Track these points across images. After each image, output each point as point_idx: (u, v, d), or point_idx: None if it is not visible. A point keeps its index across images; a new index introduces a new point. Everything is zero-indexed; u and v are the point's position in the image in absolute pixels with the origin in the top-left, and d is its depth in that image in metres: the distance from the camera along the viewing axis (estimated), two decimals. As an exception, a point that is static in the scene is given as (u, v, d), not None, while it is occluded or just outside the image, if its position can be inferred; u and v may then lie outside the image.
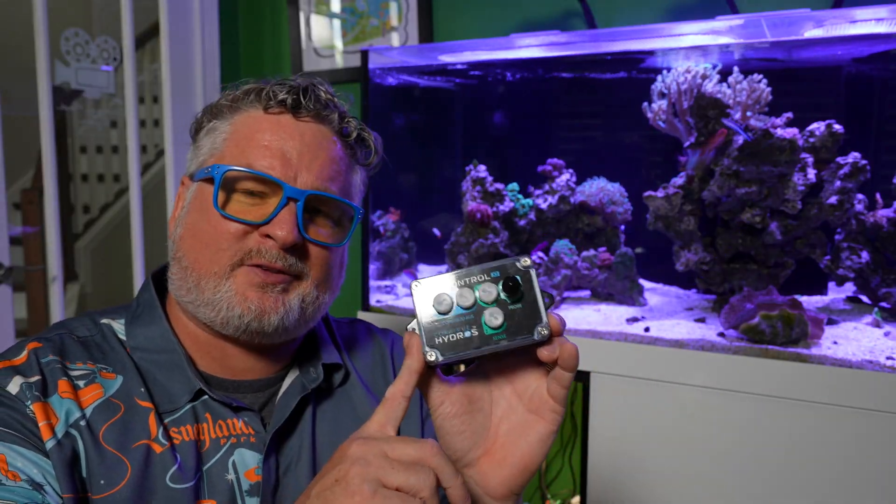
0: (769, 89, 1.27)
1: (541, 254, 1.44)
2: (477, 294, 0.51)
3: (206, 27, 2.16)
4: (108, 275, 3.35)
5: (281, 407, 0.72)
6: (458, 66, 1.74)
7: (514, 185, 1.54)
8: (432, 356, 0.50)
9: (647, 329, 1.23)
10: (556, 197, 1.50)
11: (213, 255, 0.68)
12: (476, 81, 1.77)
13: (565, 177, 1.52)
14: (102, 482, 0.63)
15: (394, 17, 1.95)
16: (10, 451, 0.60)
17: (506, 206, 1.49)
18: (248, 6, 2.26)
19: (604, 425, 1.22)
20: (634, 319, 1.30)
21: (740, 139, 1.22)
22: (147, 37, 3.10)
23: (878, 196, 1.27)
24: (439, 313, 0.51)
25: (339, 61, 2.07)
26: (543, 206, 1.51)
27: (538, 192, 1.54)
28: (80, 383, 0.67)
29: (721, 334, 1.18)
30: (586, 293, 1.51)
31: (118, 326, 0.74)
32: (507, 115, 1.75)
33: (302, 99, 0.70)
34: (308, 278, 0.70)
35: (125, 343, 0.72)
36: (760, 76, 1.28)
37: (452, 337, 0.51)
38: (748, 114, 1.28)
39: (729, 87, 1.30)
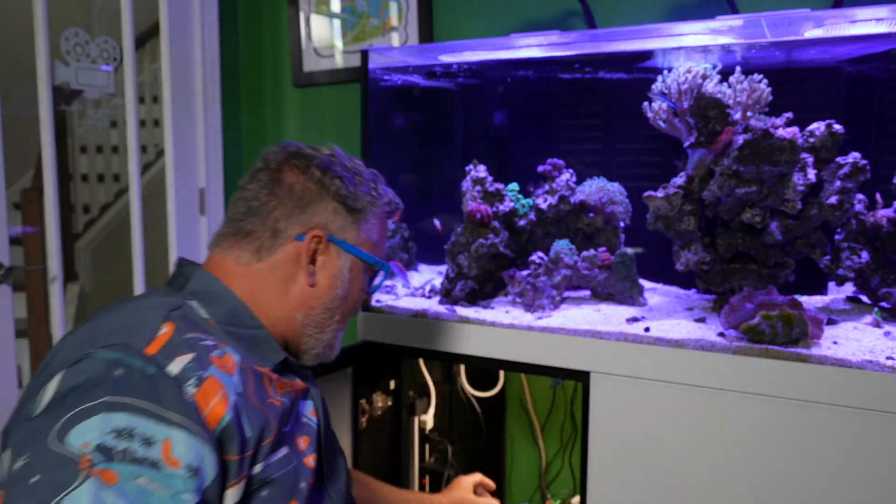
0: (769, 89, 1.27)
1: (541, 254, 1.44)
2: None
3: (206, 27, 2.16)
4: (108, 275, 3.35)
5: (307, 374, 0.94)
6: (458, 66, 1.74)
7: (514, 185, 1.54)
8: None
9: (647, 329, 1.23)
10: (556, 197, 1.50)
11: (350, 312, 0.94)
12: (476, 81, 1.77)
13: (565, 177, 1.51)
14: (264, 433, 0.76)
15: (394, 17, 1.95)
16: (174, 436, 0.65)
17: (506, 206, 1.49)
18: (248, 6, 2.26)
19: (604, 425, 1.22)
20: (634, 319, 1.30)
21: (740, 139, 1.22)
22: (147, 37, 3.09)
23: (878, 196, 1.27)
24: None
25: (339, 61, 2.07)
26: (543, 206, 1.51)
27: (539, 191, 1.54)
28: (218, 353, 0.75)
29: (721, 334, 1.18)
30: (586, 293, 1.51)
31: (196, 304, 0.82)
32: (507, 115, 1.75)
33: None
34: None
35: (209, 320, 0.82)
36: (760, 76, 1.28)
37: None
38: (748, 114, 1.28)
39: (729, 87, 1.30)
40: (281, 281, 0.87)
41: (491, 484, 1.27)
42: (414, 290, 1.61)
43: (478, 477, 1.26)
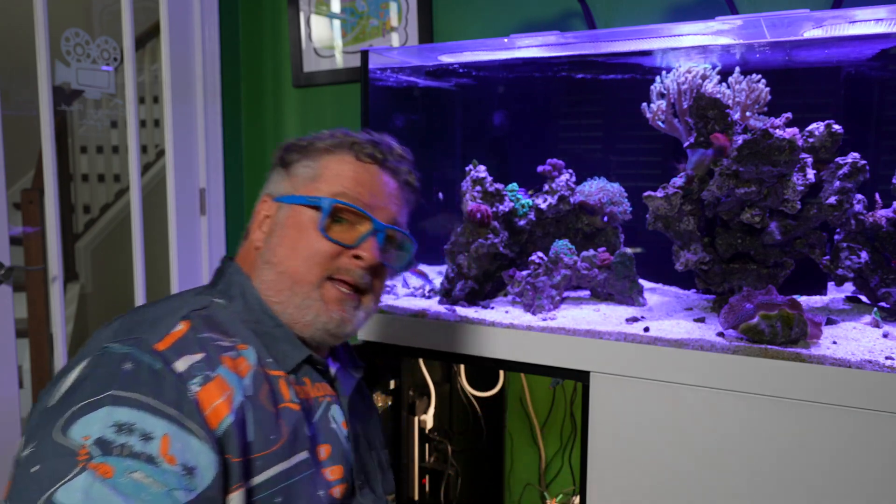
0: (768, 89, 1.27)
1: (541, 254, 1.44)
2: None
3: (206, 27, 2.16)
4: (108, 275, 3.35)
5: (344, 379, 0.91)
6: (458, 67, 1.74)
7: (514, 185, 1.54)
8: None
9: (646, 329, 1.23)
10: (556, 197, 1.50)
11: (309, 267, 0.82)
12: (476, 82, 1.77)
13: (565, 177, 1.52)
14: (272, 437, 0.75)
15: (394, 18, 1.95)
16: (173, 433, 0.66)
17: (506, 206, 1.49)
18: (248, 6, 2.26)
19: (603, 425, 1.22)
20: (634, 319, 1.30)
21: (739, 140, 1.22)
22: (147, 37, 3.09)
23: (877, 196, 1.27)
24: None
25: (339, 61, 2.07)
26: (543, 206, 1.51)
27: (539, 196, 1.54)
28: (232, 354, 0.76)
29: (720, 334, 1.18)
30: (586, 293, 1.51)
31: (223, 302, 0.83)
32: (507, 116, 1.75)
33: (388, 156, 0.89)
34: (371, 293, 0.87)
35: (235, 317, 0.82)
36: (759, 76, 1.28)
37: None
38: (747, 114, 1.28)
39: (729, 87, 1.30)
40: (251, 257, 0.87)
41: None
42: (414, 290, 1.61)
43: None
